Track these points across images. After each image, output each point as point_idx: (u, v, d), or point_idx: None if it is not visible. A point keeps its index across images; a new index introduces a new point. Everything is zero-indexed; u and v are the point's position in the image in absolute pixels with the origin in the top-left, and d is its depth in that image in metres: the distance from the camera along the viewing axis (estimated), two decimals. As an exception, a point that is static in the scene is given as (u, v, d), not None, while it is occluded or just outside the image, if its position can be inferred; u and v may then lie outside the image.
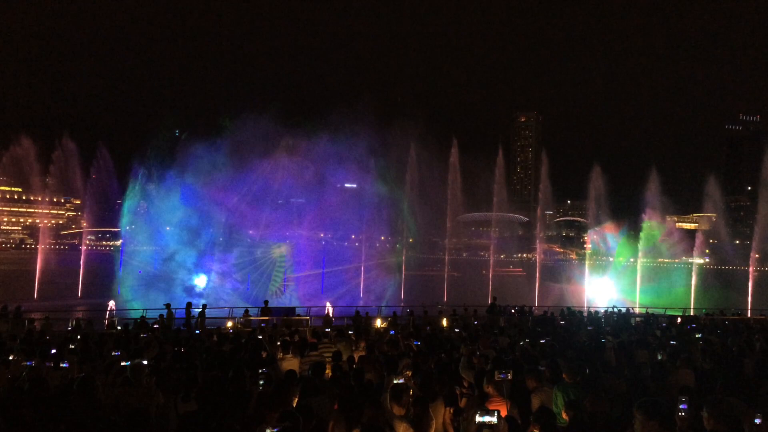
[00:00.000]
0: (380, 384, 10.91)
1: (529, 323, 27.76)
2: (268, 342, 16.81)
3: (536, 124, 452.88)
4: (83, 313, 38.82)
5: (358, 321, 29.09)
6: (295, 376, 10.55)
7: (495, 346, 15.99)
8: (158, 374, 10.77)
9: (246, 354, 14.30)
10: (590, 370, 11.45)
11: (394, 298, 54.51)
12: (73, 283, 61.40)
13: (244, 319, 30.32)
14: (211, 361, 13.11)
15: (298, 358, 13.44)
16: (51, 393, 9.04)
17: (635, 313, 41.47)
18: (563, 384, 9.60)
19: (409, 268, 64.89)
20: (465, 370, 11.12)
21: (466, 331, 20.77)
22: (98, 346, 16.43)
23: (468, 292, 54.55)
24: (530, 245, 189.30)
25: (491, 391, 8.95)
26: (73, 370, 11.70)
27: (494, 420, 6.77)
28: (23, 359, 12.50)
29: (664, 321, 30.03)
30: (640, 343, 17.03)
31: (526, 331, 21.70)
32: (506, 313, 34.68)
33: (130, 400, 9.28)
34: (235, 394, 9.17)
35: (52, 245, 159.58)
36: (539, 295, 58.56)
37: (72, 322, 28.44)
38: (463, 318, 29.83)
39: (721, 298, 56.64)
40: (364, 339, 16.54)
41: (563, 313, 32.80)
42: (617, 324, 28.42)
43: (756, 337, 20.41)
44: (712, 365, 13.00)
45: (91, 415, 8.12)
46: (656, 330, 22.70)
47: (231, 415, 8.07)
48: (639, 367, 12.38)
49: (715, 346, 17.19)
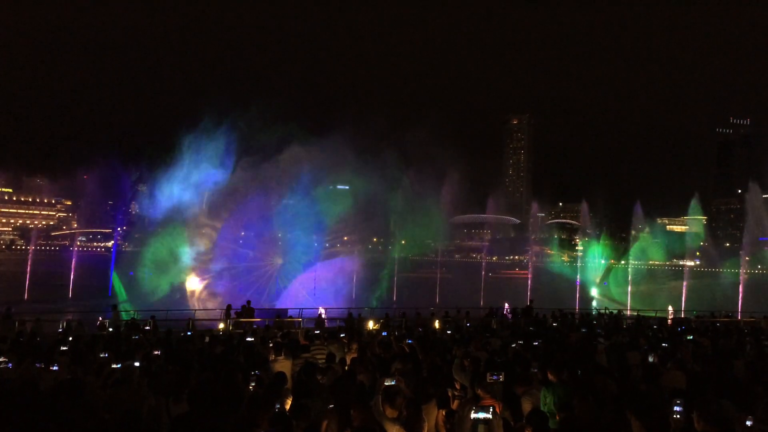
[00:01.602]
0: (372, 386, 10.91)
1: (521, 325, 27.83)
2: (260, 344, 16.77)
3: (528, 126, 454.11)
4: (73, 314, 38.61)
5: (351, 323, 29.07)
6: (285, 378, 10.54)
7: (487, 347, 16.01)
8: (150, 375, 10.73)
9: (238, 356, 14.26)
10: (582, 372, 11.48)
11: (386, 299, 54.45)
12: (64, 285, 61.20)
13: (234, 321, 30.26)
14: (203, 363, 13.07)
15: (290, 360, 13.42)
16: (41, 395, 8.99)
17: (626, 315, 41.63)
18: (550, 384, 9.63)
19: (405, 270, 64.88)
20: (458, 372, 11.12)
21: (458, 332, 20.77)
22: (89, 348, 16.33)
23: (463, 294, 54.68)
24: (522, 247, 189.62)
25: (483, 392, 8.96)
26: (63, 372, 11.64)
27: (489, 416, 6.79)
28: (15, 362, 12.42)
29: (655, 323, 30.16)
30: (632, 344, 17.08)
31: (518, 333, 21.75)
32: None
33: (121, 402, 9.23)
34: (227, 396, 9.14)
35: (42, 246, 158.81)
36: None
37: (63, 323, 28.28)
38: (455, 320, 29.86)
39: (712, 300, 56.93)
40: (356, 341, 16.52)
41: (555, 314, 32.85)
42: (609, 326, 28.51)
43: (746, 339, 20.53)
44: (702, 367, 13.05)
45: (80, 416, 8.08)
46: (647, 332, 22.79)
47: (223, 418, 8.04)
48: (630, 369, 12.41)
49: (706, 348, 17.30)
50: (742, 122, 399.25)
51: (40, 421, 7.79)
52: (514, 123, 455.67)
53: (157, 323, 26.14)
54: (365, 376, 11.50)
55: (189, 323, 28.29)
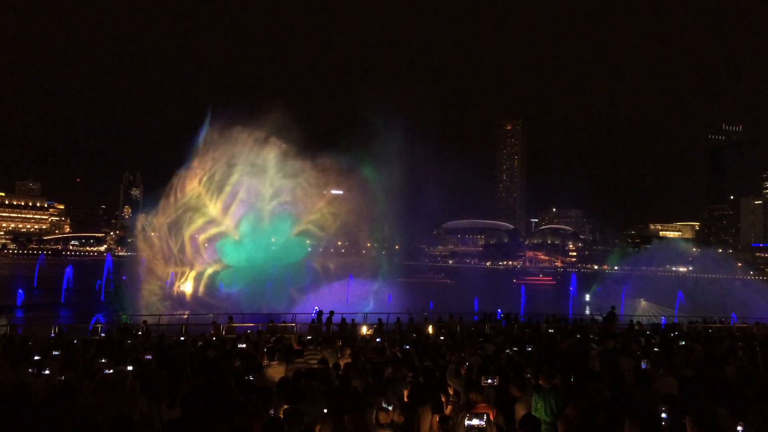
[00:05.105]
0: (366, 391, 10.89)
1: (515, 330, 27.82)
2: (253, 349, 16.72)
3: (522, 132, 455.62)
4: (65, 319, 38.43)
5: (344, 328, 28.99)
6: (280, 383, 10.51)
7: (481, 353, 16.02)
8: (143, 380, 10.69)
9: (231, 361, 14.22)
10: (575, 378, 11.50)
11: (382, 304, 54.38)
12: (57, 289, 60.90)
13: (228, 326, 30.13)
14: (196, 368, 13.02)
15: (284, 365, 13.39)
16: (33, 399, 8.95)
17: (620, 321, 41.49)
18: (541, 389, 9.64)
19: (400, 276, 64.83)
20: (452, 378, 11.13)
21: (451, 338, 20.76)
22: (81, 352, 16.26)
23: (465, 300, 54.76)
24: (516, 253, 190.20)
25: (477, 397, 8.96)
26: (55, 377, 11.58)
27: (483, 423, 6.78)
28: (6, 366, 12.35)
29: (648, 329, 30.19)
30: (625, 350, 17.11)
31: (512, 339, 21.74)
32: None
33: (114, 407, 9.19)
34: (220, 402, 9.11)
35: (35, 250, 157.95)
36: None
37: (55, 328, 28.11)
38: (448, 325, 29.80)
39: (705, 306, 56.86)
40: (350, 346, 16.50)
41: (549, 320, 32.85)
42: (602, 331, 28.52)
43: (738, 344, 20.60)
44: (694, 373, 13.09)
45: (72, 420, 8.05)
46: (640, 338, 22.83)
47: (215, 423, 8.02)
48: (623, 375, 12.43)
49: (698, 354, 17.35)
50: (735, 129, 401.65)
51: (32, 426, 7.75)
52: (508, 128, 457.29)
53: (149, 328, 26.05)
54: (359, 381, 11.49)
55: (182, 328, 28.22)
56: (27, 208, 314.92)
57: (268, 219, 52.45)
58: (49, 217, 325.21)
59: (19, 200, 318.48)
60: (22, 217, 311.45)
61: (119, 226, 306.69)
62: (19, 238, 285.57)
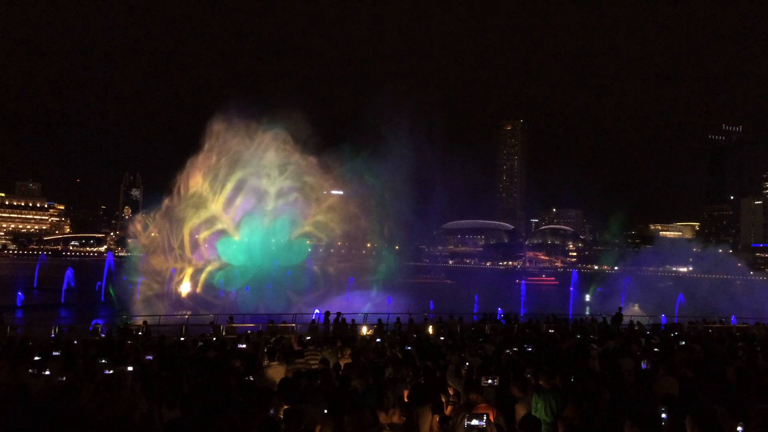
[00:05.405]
0: (366, 391, 10.89)
1: (515, 330, 27.80)
2: (253, 349, 16.70)
3: (521, 132, 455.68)
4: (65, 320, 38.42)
5: (344, 329, 28.97)
6: (281, 384, 10.52)
7: (481, 353, 16.01)
8: (143, 381, 10.69)
9: (231, 361, 14.21)
10: (575, 378, 11.50)
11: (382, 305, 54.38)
12: (57, 290, 60.86)
13: (229, 326, 30.12)
14: (196, 369, 13.02)
15: (284, 366, 13.39)
16: (33, 400, 8.95)
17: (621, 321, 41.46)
18: (542, 390, 9.64)
19: (401, 276, 64.76)
20: (452, 378, 11.13)
21: (451, 338, 20.74)
22: (81, 353, 16.25)
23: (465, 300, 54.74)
24: (516, 253, 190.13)
25: (477, 397, 8.96)
26: (55, 378, 11.58)
27: (483, 424, 6.77)
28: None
29: (648, 329, 30.18)
30: (625, 351, 17.10)
31: (512, 339, 21.72)
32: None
33: (114, 407, 9.19)
34: (220, 402, 9.11)
35: (35, 251, 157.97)
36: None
37: (55, 329, 28.10)
38: (448, 326, 29.78)
39: (705, 306, 56.84)
40: (350, 346, 16.50)
41: (549, 320, 32.83)
42: (603, 332, 28.50)
43: (738, 345, 20.59)
44: (694, 373, 13.08)
45: (73, 421, 8.05)
46: (640, 338, 22.82)
47: (215, 424, 8.02)
48: (623, 375, 12.43)
49: (698, 354, 17.33)
50: (735, 129, 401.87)
51: (32, 426, 7.75)
52: (508, 129, 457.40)
53: (150, 328, 26.06)
54: (359, 381, 11.49)
55: (182, 328, 28.23)
56: (27, 209, 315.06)
57: (269, 219, 52.43)
58: (49, 218, 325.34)
59: (19, 200, 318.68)
60: (22, 217, 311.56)
61: (119, 226, 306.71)
62: (19, 239, 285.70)
